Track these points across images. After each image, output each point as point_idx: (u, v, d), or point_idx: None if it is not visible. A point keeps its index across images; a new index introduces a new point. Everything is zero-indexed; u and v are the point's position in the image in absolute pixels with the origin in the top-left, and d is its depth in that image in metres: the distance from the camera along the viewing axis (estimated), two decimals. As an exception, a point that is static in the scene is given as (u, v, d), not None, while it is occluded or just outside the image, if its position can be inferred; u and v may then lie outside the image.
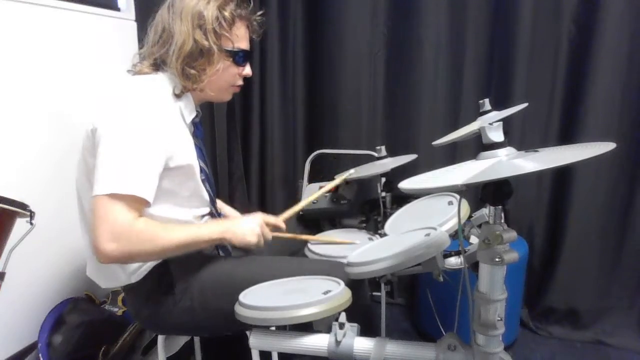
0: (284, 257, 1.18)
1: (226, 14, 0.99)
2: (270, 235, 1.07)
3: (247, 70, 1.09)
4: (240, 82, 1.11)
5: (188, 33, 0.96)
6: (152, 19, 1.03)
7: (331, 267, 1.01)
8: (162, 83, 1.00)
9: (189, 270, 1.02)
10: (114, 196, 0.84)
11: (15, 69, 1.30)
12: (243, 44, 1.06)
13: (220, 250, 1.17)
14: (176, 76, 0.99)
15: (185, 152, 0.99)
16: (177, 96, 1.00)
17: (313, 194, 1.34)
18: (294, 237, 1.23)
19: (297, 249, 1.29)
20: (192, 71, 0.98)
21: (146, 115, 0.91)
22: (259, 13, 1.09)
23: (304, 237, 1.29)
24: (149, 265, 0.99)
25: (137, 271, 0.98)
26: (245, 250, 1.21)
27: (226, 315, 0.87)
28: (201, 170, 1.05)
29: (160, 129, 0.92)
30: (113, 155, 0.86)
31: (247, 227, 1.01)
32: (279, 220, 1.15)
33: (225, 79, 1.06)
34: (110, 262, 0.87)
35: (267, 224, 1.07)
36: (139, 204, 0.87)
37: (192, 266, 1.03)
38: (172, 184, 0.97)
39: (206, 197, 1.09)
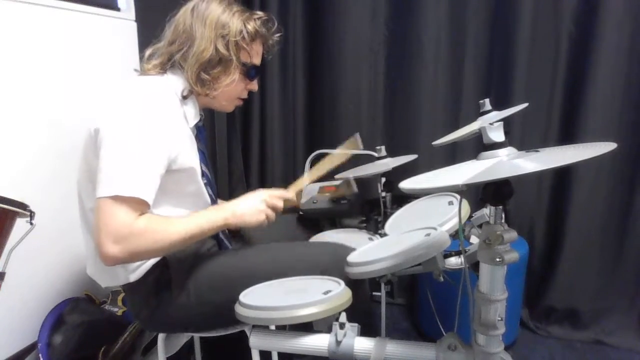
0: (280, 243, 1.14)
1: (250, 28, 1.02)
2: (280, 204, 1.05)
3: (255, 85, 1.12)
4: (246, 95, 1.13)
5: (210, 40, 0.98)
6: (172, 15, 1.03)
7: (327, 252, 1.01)
8: (168, 84, 1.00)
9: (185, 266, 1.02)
10: (117, 198, 0.83)
11: (15, 69, 1.30)
12: (257, 60, 1.09)
13: (220, 246, 1.17)
14: (188, 79, 1.00)
15: (189, 154, 1.00)
16: (184, 98, 1.01)
17: (315, 173, 1.20)
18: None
19: (297, 237, 1.29)
20: (207, 77, 1.00)
21: (150, 117, 0.91)
22: (278, 34, 1.11)
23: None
24: (149, 263, 0.99)
25: (137, 270, 0.98)
26: (244, 241, 1.20)
27: (223, 311, 0.87)
28: (203, 174, 1.06)
29: (163, 130, 0.92)
30: (116, 156, 0.86)
31: (250, 207, 1.00)
32: (289, 192, 1.12)
33: (235, 91, 1.08)
34: (116, 263, 0.86)
35: (274, 197, 1.05)
36: (141, 206, 0.87)
37: (189, 262, 1.02)
38: (174, 186, 0.97)
39: (208, 200, 1.09)
